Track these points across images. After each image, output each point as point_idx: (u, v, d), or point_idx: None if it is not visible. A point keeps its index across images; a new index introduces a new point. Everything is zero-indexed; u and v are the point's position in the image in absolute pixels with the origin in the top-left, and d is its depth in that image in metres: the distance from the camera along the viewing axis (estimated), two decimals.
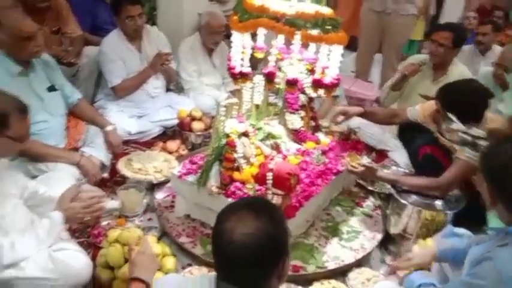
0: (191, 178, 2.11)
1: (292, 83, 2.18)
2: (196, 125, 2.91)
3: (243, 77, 2.19)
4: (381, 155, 3.08)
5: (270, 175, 1.84)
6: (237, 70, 2.17)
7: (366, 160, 2.44)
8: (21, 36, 2.16)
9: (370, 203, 2.48)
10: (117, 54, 3.02)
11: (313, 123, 2.55)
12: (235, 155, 2.00)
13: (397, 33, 3.85)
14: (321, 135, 2.50)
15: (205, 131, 2.88)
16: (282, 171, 1.83)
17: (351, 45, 4.27)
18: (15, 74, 2.24)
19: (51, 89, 2.44)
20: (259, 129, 2.31)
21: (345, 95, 3.79)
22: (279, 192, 1.87)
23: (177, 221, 2.20)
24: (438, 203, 2.01)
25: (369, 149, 3.07)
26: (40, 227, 1.68)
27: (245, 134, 2.09)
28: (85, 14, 3.30)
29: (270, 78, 2.16)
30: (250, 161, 2.07)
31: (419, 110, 2.38)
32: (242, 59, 2.18)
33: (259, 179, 1.90)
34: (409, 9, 3.81)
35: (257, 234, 1.04)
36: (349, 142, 2.55)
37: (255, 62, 2.49)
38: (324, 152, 2.34)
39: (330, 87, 2.18)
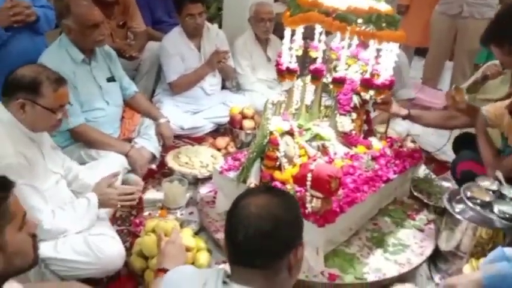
0: (232, 174, 2.09)
1: (339, 82, 2.09)
2: (247, 123, 2.90)
3: (289, 73, 2.13)
4: (441, 166, 2.88)
5: (309, 176, 1.76)
6: (284, 66, 2.12)
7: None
8: (88, 24, 2.26)
9: (423, 216, 2.33)
10: (176, 51, 3.09)
11: (366, 127, 2.45)
12: (277, 154, 1.96)
13: (472, 38, 3.59)
14: (373, 140, 2.39)
15: (256, 130, 2.86)
16: (322, 172, 1.74)
17: (424, 52, 4.11)
18: (79, 61, 2.34)
19: (111, 79, 2.54)
20: (307, 130, 2.27)
21: (410, 102, 3.60)
22: (318, 194, 1.79)
23: (217, 217, 2.19)
24: (496, 219, 1.81)
25: (428, 160, 2.90)
26: (78, 205, 1.72)
27: (290, 133, 2.05)
28: (144, 9, 3.40)
29: (315, 74, 2.08)
30: (293, 161, 2.02)
31: (491, 109, 2.16)
32: (291, 55, 2.12)
33: (299, 179, 1.83)
34: (486, 12, 3.55)
35: (269, 209, 1.07)
36: (405, 150, 2.40)
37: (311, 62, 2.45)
38: (374, 158, 2.23)
39: (381, 89, 2.07)
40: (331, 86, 2.32)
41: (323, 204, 1.80)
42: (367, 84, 2.10)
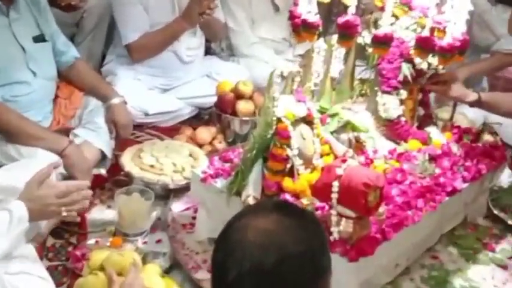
0: (220, 183, 2.09)
1: (381, 43, 2.10)
2: (243, 106, 2.91)
3: (307, 29, 2.13)
4: None
5: (336, 185, 1.75)
6: (301, 19, 2.13)
7: None
8: None
9: (507, 245, 2.35)
10: None
11: (421, 112, 2.46)
12: (288, 152, 1.96)
13: None
14: (433, 132, 2.41)
15: (256, 116, 2.85)
16: (356, 180, 1.72)
17: None
18: None
19: (39, 39, 2.52)
20: (333, 115, 2.28)
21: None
22: (349, 213, 1.77)
23: (197, 247, 2.20)
24: None
25: None
26: None
27: (307, 121, 2.04)
28: None
29: (346, 32, 2.08)
30: (311, 162, 2.03)
31: None
32: (311, 2, 2.12)
33: (320, 190, 1.82)
34: None
35: (275, 235, 1.11)
36: (481, 145, 2.41)
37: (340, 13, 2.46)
38: (434, 158, 2.24)
39: (447, 52, 2.07)
40: (369, 50, 2.33)
41: (356, 227, 1.80)
42: (425, 45, 2.10)
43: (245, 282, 1.08)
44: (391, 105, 2.29)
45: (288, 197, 1.95)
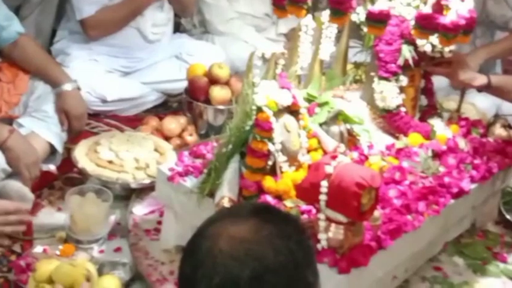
0: (190, 182, 2.10)
1: (376, 20, 2.11)
2: (218, 92, 2.92)
3: (293, 4, 2.13)
4: None
5: (324, 185, 1.76)
6: None
7: None
8: None
9: None
10: None
11: (424, 101, 2.49)
12: (270, 147, 1.97)
13: None
14: (437, 124, 2.43)
15: (233, 105, 2.85)
16: (347, 180, 1.73)
17: None
18: None
19: None
20: (322, 105, 2.29)
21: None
22: (339, 217, 1.79)
23: (163, 257, 2.21)
24: None
25: None
26: None
27: (292, 111, 2.06)
28: None
29: (338, 8, 2.08)
30: (296, 159, 2.05)
31: None
32: None
33: (306, 191, 1.83)
34: None
35: (251, 244, 1.12)
36: (492, 140, 2.44)
37: None
38: (437, 155, 2.26)
39: (450, 31, 2.09)
40: (365, 29, 2.34)
41: (348, 234, 1.81)
42: (425, 24, 2.11)
43: None
44: (390, 94, 2.30)
45: (269, 198, 1.96)
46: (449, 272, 2.26)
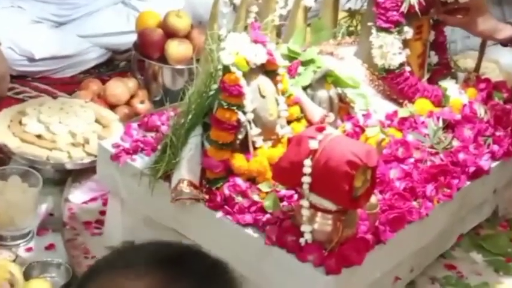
0: (141, 162, 2.12)
1: None
2: (176, 49, 2.93)
3: None
4: None
5: (308, 165, 1.78)
6: None
7: None
8: None
9: None
10: None
11: (435, 58, 2.52)
12: (240, 116, 1.98)
13: None
14: (451, 87, 2.46)
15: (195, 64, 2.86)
16: (337, 157, 1.75)
17: None
18: None
19: None
20: (307, 63, 2.30)
21: None
22: (327, 205, 1.81)
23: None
24: None
25: None
26: None
27: (267, 71, 2.07)
28: None
29: None
30: (274, 131, 2.06)
31: None
32: None
33: (286, 171, 1.85)
34: None
35: None
36: None
37: None
38: (451, 126, 2.29)
39: None
40: None
41: (338, 225, 1.82)
42: None
43: None
44: (391, 49, 2.31)
45: (239, 181, 1.98)
46: (466, 272, 2.29)
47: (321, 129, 1.85)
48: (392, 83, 2.36)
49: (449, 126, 2.29)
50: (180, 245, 1.24)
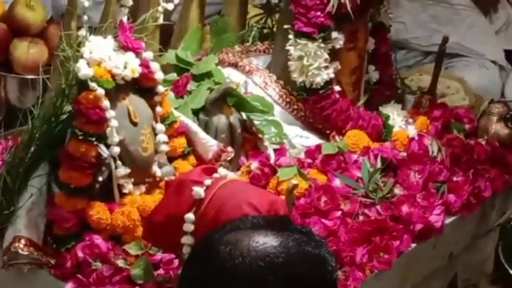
0: None
1: None
2: (25, 51, 2.95)
3: None
4: None
5: (191, 220, 1.78)
6: None
7: None
8: None
9: None
10: None
11: (375, 75, 2.57)
12: (101, 151, 1.98)
13: None
14: (394, 114, 2.52)
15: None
16: (230, 211, 1.75)
17: None
18: None
19: None
20: (201, 77, 2.33)
21: None
22: None
23: None
24: None
25: None
26: None
27: (143, 88, 2.08)
28: None
29: None
30: (148, 172, 2.07)
31: None
32: None
33: (162, 228, 1.86)
34: None
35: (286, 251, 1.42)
36: (484, 143, 2.52)
37: None
38: (392, 167, 2.33)
39: None
40: None
41: None
42: None
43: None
44: (314, 62, 2.34)
45: (98, 240, 1.96)
46: None
47: (210, 172, 1.86)
48: (315, 107, 2.39)
49: (390, 167, 2.32)
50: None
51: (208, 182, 1.81)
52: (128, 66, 2.00)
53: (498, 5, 3.67)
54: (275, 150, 2.28)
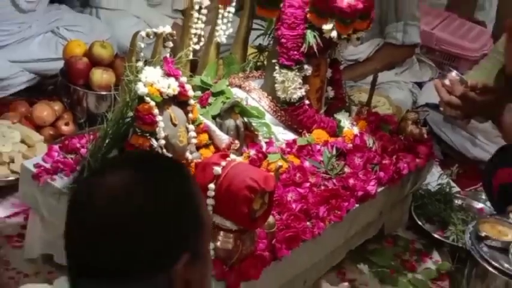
0: (60, 182, 2.08)
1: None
2: (100, 76, 2.88)
3: None
4: (473, 172, 3.07)
5: (212, 189, 1.79)
6: None
7: None
8: None
9: (431, 265, 2.47)
10: None
11: (331, 93, 2.55)
12: (153, 142, 1.97)
13: None
14: (344, 119, 2.51)
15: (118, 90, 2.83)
16: (237, 182, 1.76)
17: None
18: None
19: None
20: (217, 94, 2.32)
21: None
22: (228, 225, 1.82)
23: (27, 268, 2.19)
24: None
25: (450, 159, 3.11)
26: None
27: (179, 101, 2.07)
28: None
29: None
30: (184, 156, 2.05)
31: None
32: None
33: None
34: None
35: (131, 189, 1.18)
36: (403, 138, 2.52)
37: None
38: (343, 154, 2.33)
39: (348, 16, 2.17)
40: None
41: (238, 243, 1.83)
42: (323, 6, 2.18)
43: (90, 237, 1.16)
44: (292, 84, 2.33)
45: None
46: (357, 280, 2.35)
47: (224, 156, 1.87)
48: (292, 114, 2.39)
49: (341, 154, 2.32)
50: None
51: (223, 163, 1.81)
52: (170, 86, 1.99)
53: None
54: (266, 142, 2.28)
